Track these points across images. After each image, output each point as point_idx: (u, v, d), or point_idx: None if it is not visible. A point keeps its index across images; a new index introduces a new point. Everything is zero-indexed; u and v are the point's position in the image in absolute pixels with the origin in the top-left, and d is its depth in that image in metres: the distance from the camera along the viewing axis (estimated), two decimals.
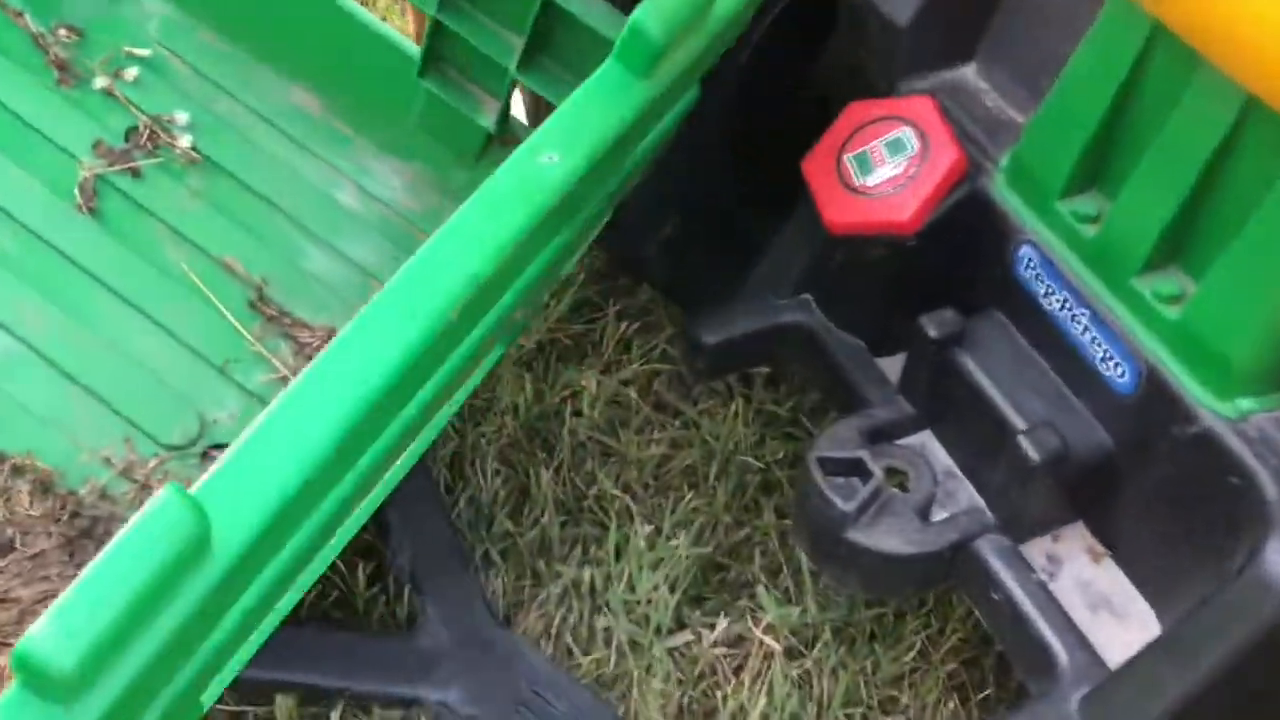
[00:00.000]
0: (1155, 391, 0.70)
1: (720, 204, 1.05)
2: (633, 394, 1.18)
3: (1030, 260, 0.76)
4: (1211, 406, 0.67)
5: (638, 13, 0.70)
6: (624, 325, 1.24)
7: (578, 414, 1.15)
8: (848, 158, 0.80)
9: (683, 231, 1.09)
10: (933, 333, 0.78)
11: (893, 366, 0.86)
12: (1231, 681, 0.62)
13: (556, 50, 0.90)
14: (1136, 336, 0.70)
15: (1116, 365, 0.72)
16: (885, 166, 0.78)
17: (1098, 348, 0.73)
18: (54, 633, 0.46)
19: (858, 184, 0.79)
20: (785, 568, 1.06)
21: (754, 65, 0.97)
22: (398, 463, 0.75)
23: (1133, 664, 0.68)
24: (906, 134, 0.79)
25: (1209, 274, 0.66)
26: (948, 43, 0.84)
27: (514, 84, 0.96)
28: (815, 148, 0.81)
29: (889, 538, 0.75)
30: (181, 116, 1.04)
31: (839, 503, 0.75)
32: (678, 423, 1.16)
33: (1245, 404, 0.67)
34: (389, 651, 0.88)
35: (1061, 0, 0.77)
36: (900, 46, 0.83)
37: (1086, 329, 0.73)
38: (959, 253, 0.80)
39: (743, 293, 0.92)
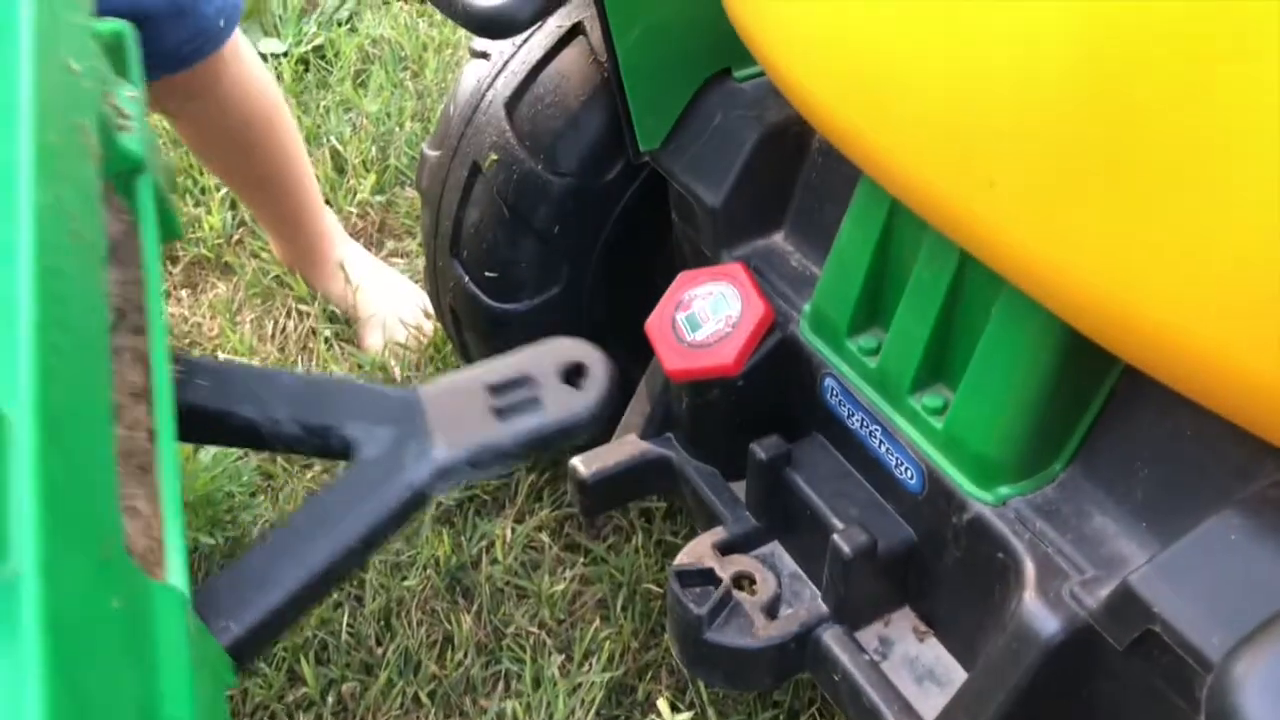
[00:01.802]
0: (937, 489, 0.84)
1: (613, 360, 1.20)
2: (545, 538, 1.31)
3: (833, 389, 0.92)
4: (979, 496, 0.81)
5: None
6: (534, 476, 1.37)
7: (494, 561, 1.27)
8: (680, 317, 0.96)
9: None
10: (762, 456, 0.92)
11: (743, 488, 1.00)
12: (1012, 717, 0.75)
13: None
14: (917, 445, 0.85)
15: (906, 469, 0.86)
16: (710, 323, 0.94)
17: (890, 456, 0.88)
18: None
19: (689, 339, 0.94)
20: (690, 684, 1.18)
21: (620, 239, 1.14)
22: None
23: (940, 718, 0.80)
24: (724, 296, 0.95)
25: (959, 389, 0.82)
26: (757, 217, 1.01)
27: None
28: (655, 310, 0.97)
29: (739, 635, 0.88)
30: None
31: (693, 608, 0.87)
32: (586, 559, 1.29)
33: (1004, 491, 0.81)
34: None
35: (838, 181, 0.95)
36: (718, 223, 1.01)
37: (881, 442, 0.88)
38: (779, 388, 0.95)
39: (616, 434, 1.06)
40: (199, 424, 0.74)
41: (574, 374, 0.79)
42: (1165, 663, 0.68)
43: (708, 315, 0.95)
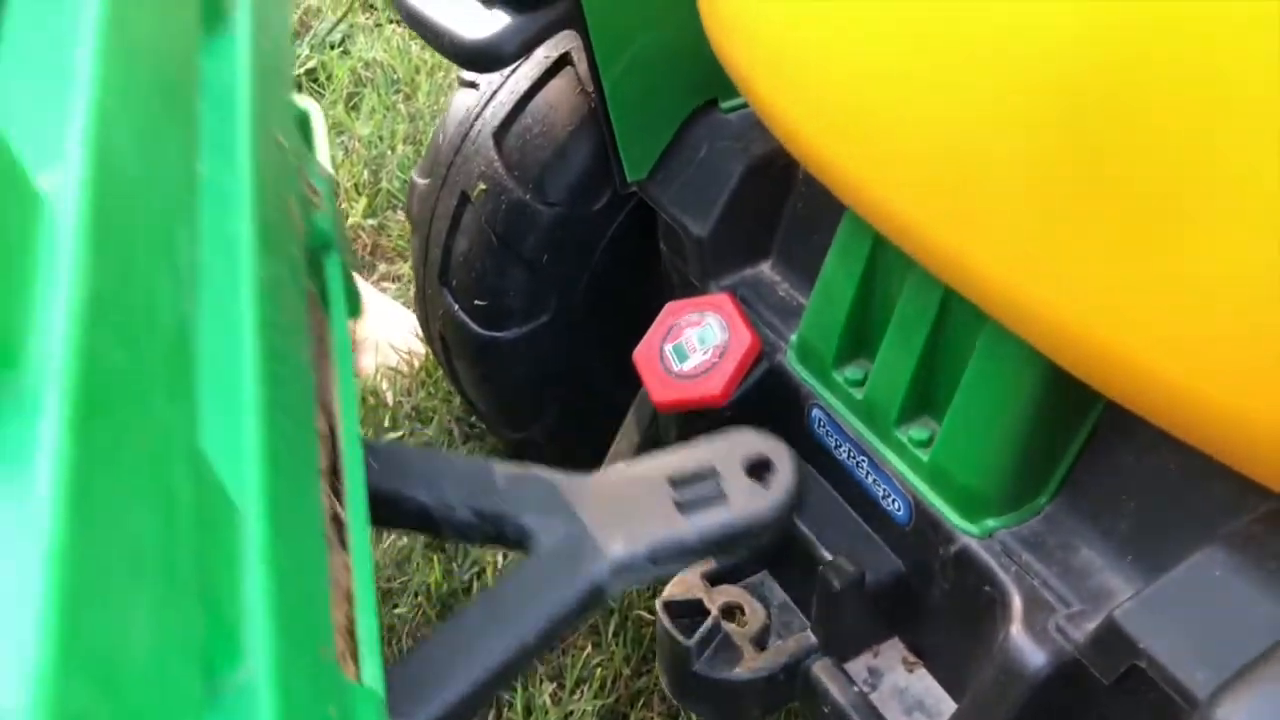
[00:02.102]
0: (924, 520, 0.84)
1: (597, 387, 1.20)
2: None
3: (821, 420, 0.92)
4: (965, 529, 0.82)
5: None
6: None
7: (486, 587, 1.27)
8: (668, 347, 0.96)
9: (565, 414, 1.23)
10: None
11: None
12: None
13: None
14: (904, 476, 0.85)
15: (894, 501, 0.87)
16: (697, 353, 0.94)
17: (878, 487, 0.88)
18: None
19: (676, 369, 0.95)
20: (682, 712, 1.17)
21: (608, 268, 1.14)
22: None
23: None
24: (711, 326, 0.95)
25: (944, 422, 0.82)
26: (744, 247, 1.02)
27: None
28: (643, 341, 0.97)
29: (728, 667, 0.88)
30: None
31: (682, 639, 0.87)
32: None
33: (990, 523, 0.81)
34: None
35: (824, 211, 0.95)
36: (705, 253, 1.01)
37: (868, 473, 0.88)
38: (767, 418, 0.95)
39: (605, 464, 1.06)
40: (373, 507, 0.70)
41: (760, 469, 0.76)
42: (1151, 698, 0.68)
43: (695, 345, 0.95)
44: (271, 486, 0.42)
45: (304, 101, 0.83)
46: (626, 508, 0.73)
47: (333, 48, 2.09)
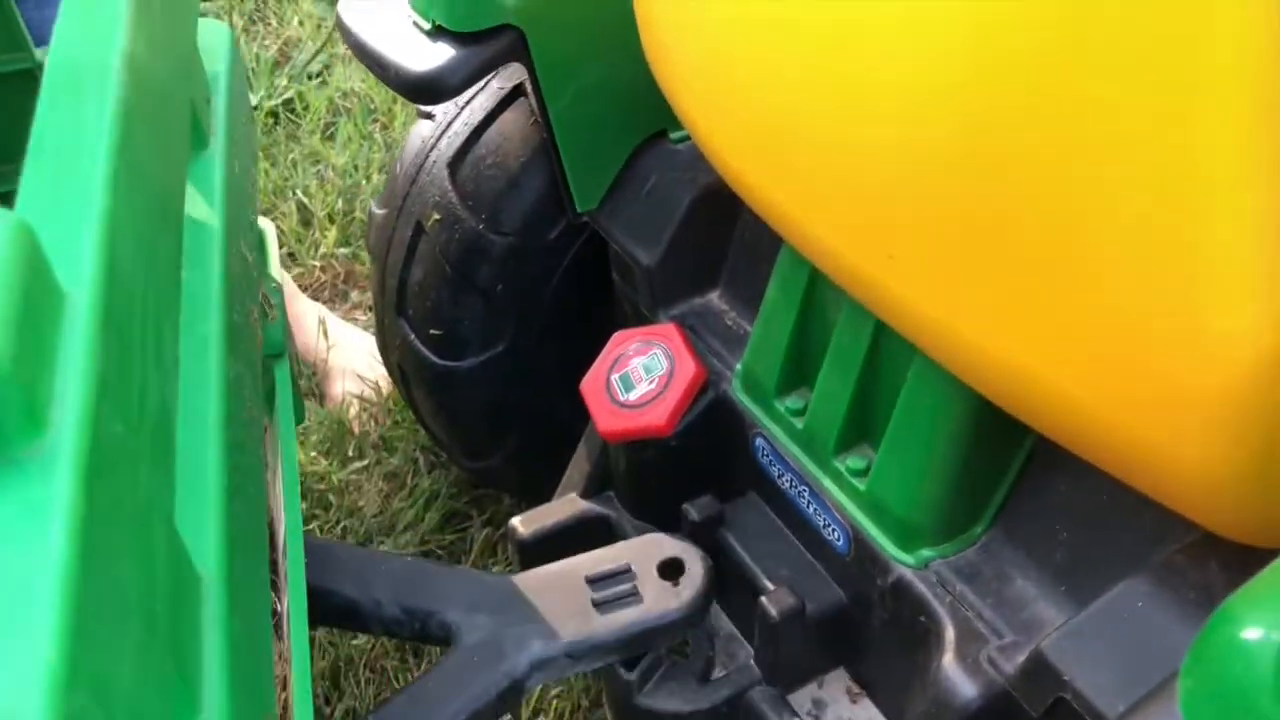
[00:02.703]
0: (863, 550, 0.84)
1: (556, 415, 1.20)
2: None
3: (764, 449, 0.92)
4: (901, 559, 0.81)
5: None
6: (489, 530, 1.37)
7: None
8: (614, 377, 0.96)
9: (524, 442, 1.23)
10: (695, 517, 0.92)
11: None
12: None
13: None
14: (842, 506, 0.85)
15: (833, 530, 0.86)
16: (643, 383, 0.95)
17: (818, 517, 0.88)
18: None
19: (623, 399, 0.95)
20: None
21: (564, 298, 1.15)
22: None
23: None
24: (657, 356, 0.95)
25: (879, 452, 0.82)
26: (692, 277, 1.02)
27: None
28: (590, 371, 0.98)
29: (670, 699, 0.87)
30: None
31: (624, 673, 0.87)
32: None
33: (926, 554, 0.81)
34: None
35: (769, 241, 0.96)
36: (654, 283, 1.01)
37: (809, 503, 0.88)
38: (714, 447, 0.96)
39: (557, 493, 1.06)
40: None
41: (672, 569, 0.82)
42: None
43: (641, 375, 0.95)
44: (229, 562, 0.47)
45: (262, 221, 0.90)
46: (547, 605, 0.78)
47: (311, 78, 2.10)
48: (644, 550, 0.84)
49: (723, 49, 0.78)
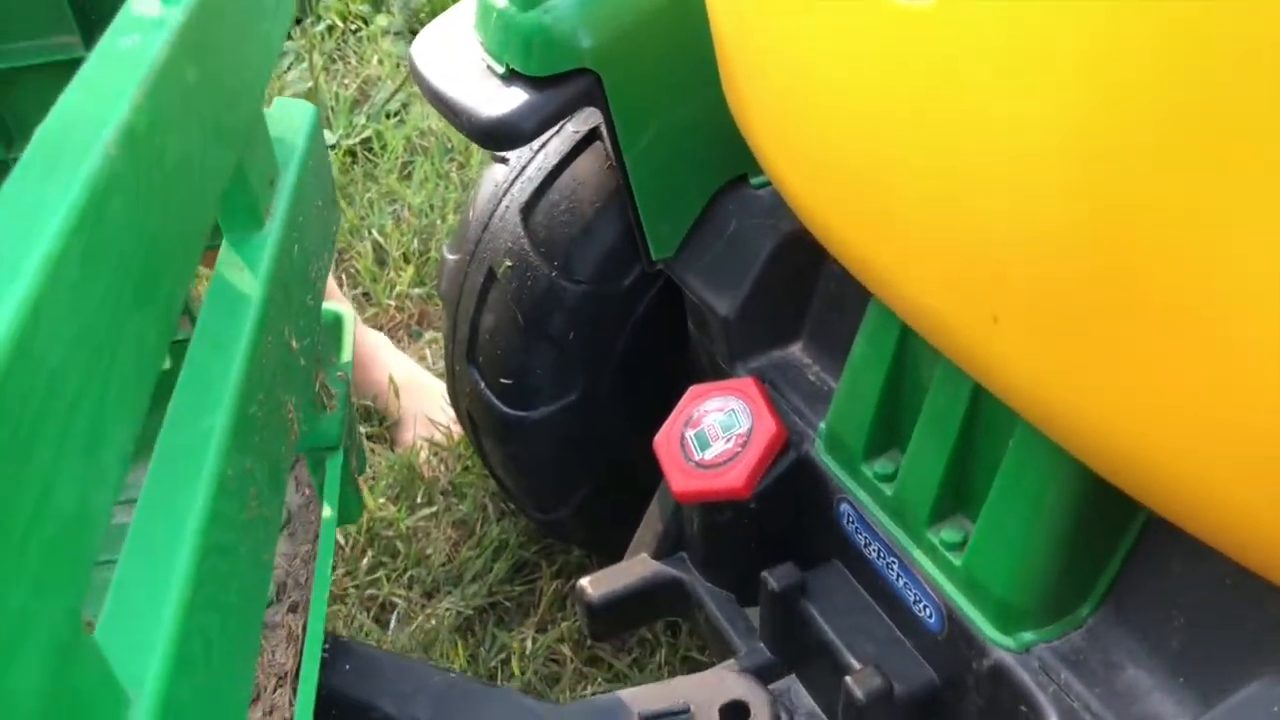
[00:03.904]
0: (957, 630, 0.78)
1: (627, 467, 1.16)
2: (566, 650, 1.26)
3: (849, 515, 0.86)
4: (1000, 642, 0.75)
5: None
6: (559, 582, 1.33)
7: (512, 676, 1.23)
8: (689, 434, 0.91)
9: (595, 495, 1.19)
10: (774, 586, 0.87)
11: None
12: None
13: None
14: (935, 581, 0.79)
15: (925, 607, 0.80)
16: (719, 441, 0.90)
17: (909, 591, 0.82)
18: None
19: (698, 458, 0.90)
20: None
21: (636, 346, 1.11)
22: None
23: None
24: (735, 412, 0.90)
25: (977, 526, 0.76)
26: (773, 328, 0.97)
27: None
28: (664, 427, 0.93)
29: None
30: None
31: None
32: (608, 674, 1.24)
33: (1027, 637, 0.75)
34: None
35: (856, 292, 0.90)
36: (732, 334, 0.97)
37: (899, 575, 0.82)
38: (795, 510, 0.90)
39: (628, 553, 1.02)
40: (337, 711, 0.72)
41: (735, 714, 0.77)
42: None
43: (718, 433, 0.91)
44: (174, 686, 0.42)
45: (340, 305, 0.88)
46: None
47: (389, 116, 2.11)
48: (705, 688, 0.78)
49: (810, 94, 0.73)
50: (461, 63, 0.96)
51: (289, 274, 0.65)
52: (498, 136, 0.91)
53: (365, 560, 1.34)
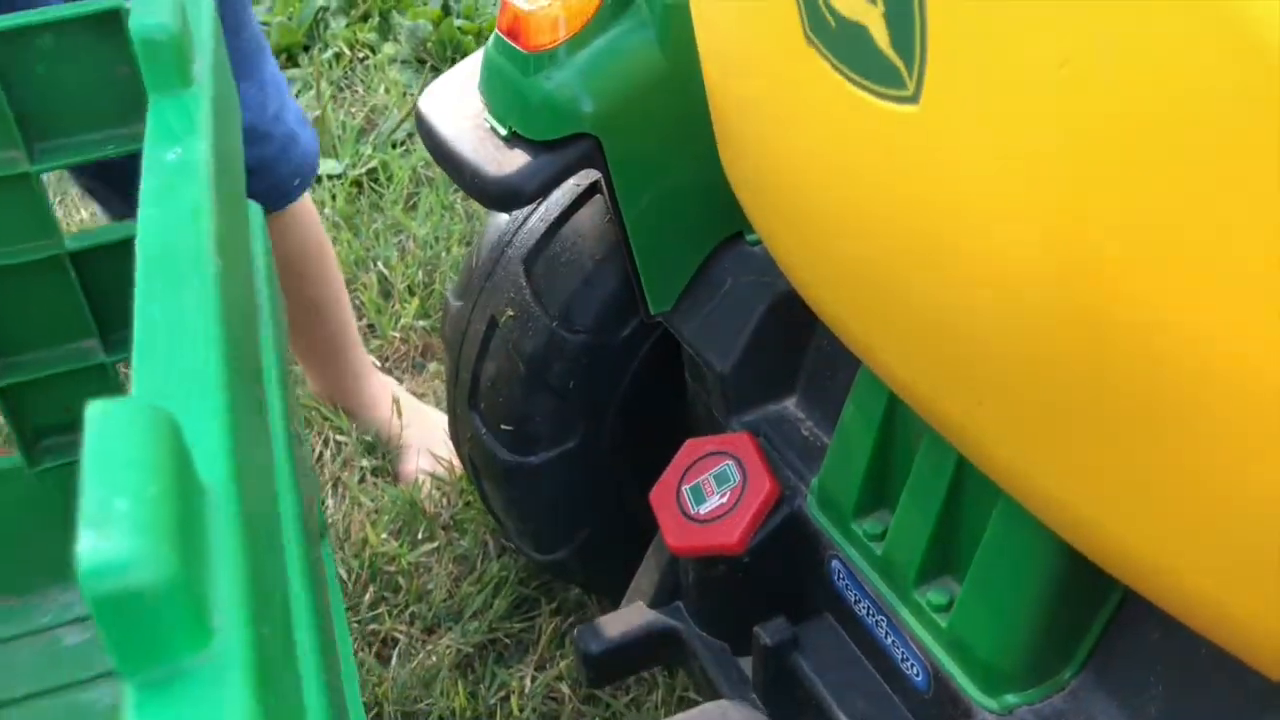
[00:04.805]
0: (943, 690, 0.80)
1: (626, 512, 1.18)
2: (565, 688, 1.28)
3: (840, 572, 0.88)
4: (984, 704, 0.77)
5: None
6: (558, 620, 1.35)
7: (510, 714, 1.25)
8: (685, 489, 0.93)
9: (594, 539, 1.21)
10: (766, 641, 0.89)
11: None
12: None
13: None
14: (922, 641, 0.81)
15: (912, 665, 0.82)
16: (714, 497, 0.92)
17: (897, 650, 0.84)
18: None
19: (693, 512, 0.92)
20: None
21: (635, 395, 1.13)
22: None
23: None
24: (729, 468, 0.93)
25: (962, 590, 0.78)
26: (767, 383, 0.99)
27: None
28: (659, 481, 0.95)
29: None
30: None
31: None
32: (606, 713, 1.26)
33: (1011, 699, 0.77)
34: None
35: (848, 351, 0.93)
36: (728, 389, 0.99)
37: (887, 633, 0.85)
38: (788, 564, 0.92)
39: (625, 599, 1.04)
40: None
41: None
42: None
43: (712, 488, 0.93)
44: None
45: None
46: None
47: (395, 146, 2.13)
48: None
49: (801, 185, 0.75)
50: (466, 122, 0.98)
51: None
52: (500, 197, 0.94)
53: (368, 595, 1.36)
